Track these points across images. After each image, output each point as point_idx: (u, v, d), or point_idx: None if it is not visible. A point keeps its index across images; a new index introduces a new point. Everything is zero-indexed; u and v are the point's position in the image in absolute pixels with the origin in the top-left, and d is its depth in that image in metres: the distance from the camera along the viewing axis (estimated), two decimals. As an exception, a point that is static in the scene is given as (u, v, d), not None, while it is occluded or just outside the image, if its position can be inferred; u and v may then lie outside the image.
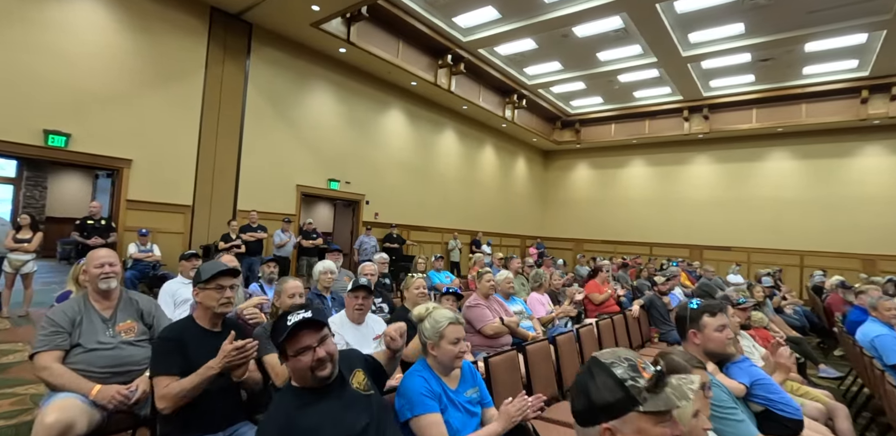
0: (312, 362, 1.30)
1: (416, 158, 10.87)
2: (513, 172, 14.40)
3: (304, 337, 1.32)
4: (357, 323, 2.24)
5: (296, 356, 1.31)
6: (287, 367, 1.36)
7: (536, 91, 12.33)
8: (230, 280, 1.86)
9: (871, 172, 10.85)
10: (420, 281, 2.68)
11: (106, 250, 2.16)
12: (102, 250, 2.15)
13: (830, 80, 10.24)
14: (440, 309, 1.64)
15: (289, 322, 1.32)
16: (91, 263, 2.09)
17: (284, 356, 1.34)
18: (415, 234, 10.65)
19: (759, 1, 7.48)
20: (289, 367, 1.35)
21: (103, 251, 2.14)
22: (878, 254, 10.56)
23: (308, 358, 1.31)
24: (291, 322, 1.31)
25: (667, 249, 13.27)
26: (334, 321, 2.22)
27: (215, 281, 1.81)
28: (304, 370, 1.31)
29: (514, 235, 14.39)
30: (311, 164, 8.54)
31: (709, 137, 12.48)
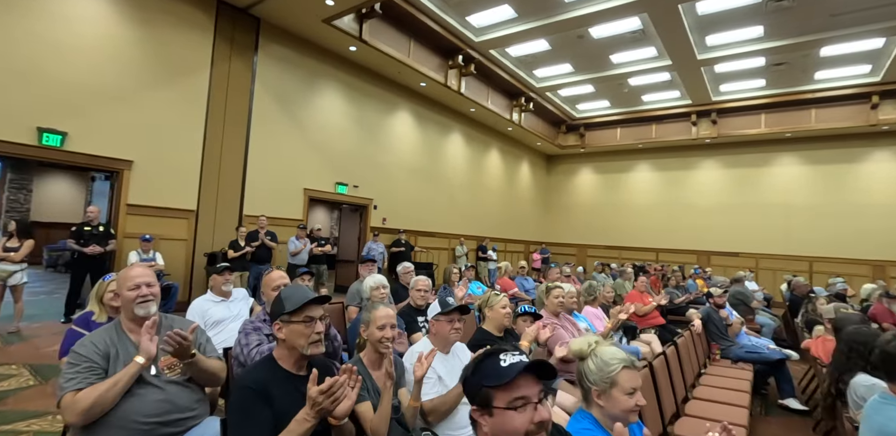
0: (532, 425, 0.94)
1: (423, 162, 10.53)
2: (517, 177, 14.15)
3: (524, 386, 0.97)
4: (445, 352, 1.90)
5: (509, 409, 0.95)
6: (488, 423, 0.98)
7: (544, 94, 12.11)
8: (320, 310, 1.50)
9: (880, 178, 10.84)
10: (506, 299, 2.33)
11: (141, 268, 1.78)
12: (137, 268, 1.77)
13: (841, 86, 10.20)
14: (607, 347, 1.31)
15: (503, 363, 0.98)
16: (124, 284, 1.71)
17: (486, 408, 0.98)
18: (422, 240, 10.29)
19: (784, 3, 7.34)
20: (490, 423, 0.98)
21: (138, 269, 1.76)
22: (889, 260, 10.51)
23: (527, 417, 0.95)
24: (509, 364, 0.98)
25: (673, 255, 13.11)
26: (418, 351, 1.87)
27: (303, 312, 1.45)
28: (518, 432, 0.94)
29: (519, 240, 14.12)
30: (318, 167, 8.14)
31: (716, 141, 12.39)
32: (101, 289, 2.27)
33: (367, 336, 1.70)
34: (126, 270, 1.73)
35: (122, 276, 1.70)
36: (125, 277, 1.69)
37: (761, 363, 3.71)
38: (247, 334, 2.01)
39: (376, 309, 1.75)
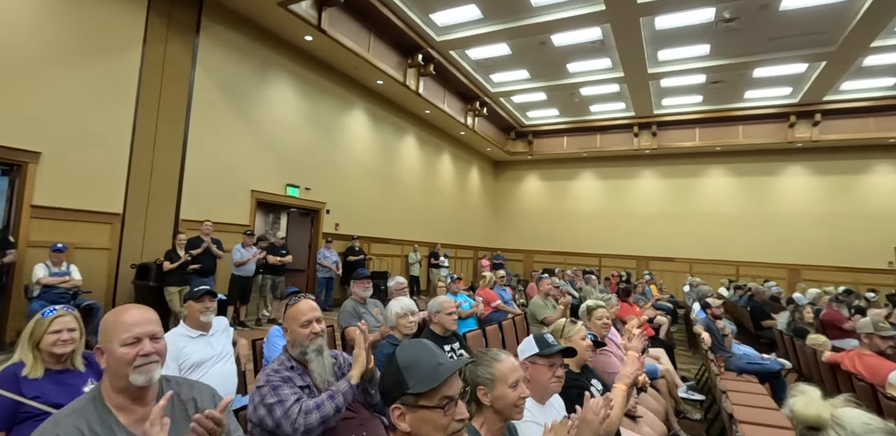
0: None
1: (378, 164, 9.96)
2: (468, 182, 13.98)
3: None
4: (542, 403, 1.49)
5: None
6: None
7: (498, 99, 12.06)
8: (459, 383, 1.03)
9: (795, 190, 12.00)
10: (584, 329, 1.96)
11: (138, 310, 1.17)
12: (133, 311, 1.16)
13: (765, 105, 11.17)
14: (851, 410, 0.99)
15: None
16: (116, 335, 1.09)
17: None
18: (375, 246, 9.70)
19: (732, 24, 7.80)
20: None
21: (135, 314, 1.15)
22: (803, 264, 11.63)
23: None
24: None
25: (614, 260, 13.61)
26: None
27: (439, 392, 0.98)
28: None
29: (468, 246, 13.92)
30: (267, 166, 7.32)
31: (656, 152, 13.07)
32: (37, 330, 1.60)
33: (493, 400, 1.24)
34: (117, 313, 1.13)
35: (113, 322, 1.11)
36: (117, 325, 1.10)
37: (763, 374, 3.70)
38: (274, 387, 1.46)
39: (499, 360, 1.28)
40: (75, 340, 1.64)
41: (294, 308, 1.68)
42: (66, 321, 1.62)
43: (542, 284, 4.52)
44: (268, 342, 2.54)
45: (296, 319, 1.65)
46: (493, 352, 1.29)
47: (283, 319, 1.72)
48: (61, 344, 1.59)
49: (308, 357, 1.60)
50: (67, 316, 1.63)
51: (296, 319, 1.65)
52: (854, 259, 11.14)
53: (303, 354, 1.60)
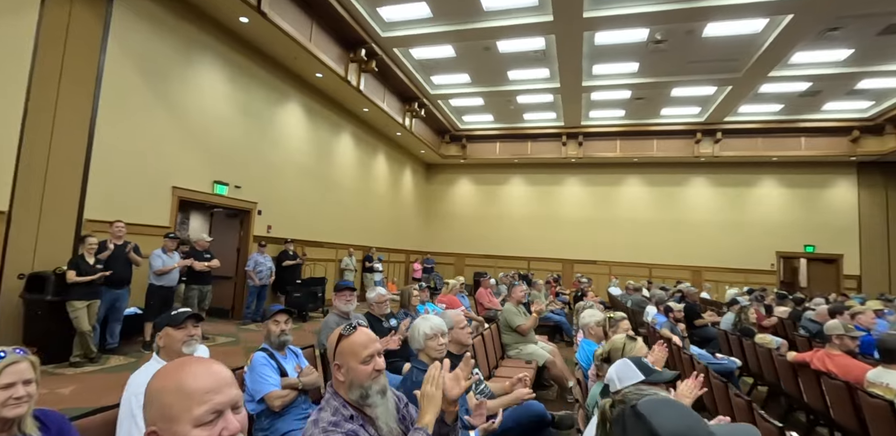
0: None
1: (313, 163, 9.31)
2: (401, 184, 13.67)
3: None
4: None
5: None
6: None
7: (436, 102, 11.96)
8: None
9: (698, 199, 13.37)
10: (645, 347, 1.83)
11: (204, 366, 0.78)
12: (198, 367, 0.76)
13: (677, 122, 12.31)
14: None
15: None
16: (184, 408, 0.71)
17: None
18: (309, 251, 9.04)
19: (661, 45, 8.44)
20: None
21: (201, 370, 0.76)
22: (704, 266, 12.98)
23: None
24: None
25: (543, 263, 14.14)
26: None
27: None
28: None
29: (401, 250, 13.60)
30: (192, 160, 6.46)
31: (581, 161, 13.80)
32: None
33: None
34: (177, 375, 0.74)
35: (175, 390, 0.72)
36: (183, 394, 0.72)
37: (720, 374, 3.93)
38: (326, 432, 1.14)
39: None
40: (31, 396, 1.15)
41: (350, 341, 1.34)
42: (20, 370, 1.13)
43: (514, 291, 4.43)
44: (251, 372, 2.10)
45: (354, 354, 1.31)
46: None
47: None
48: (13, 404, 1.10)
49: (371, 401, 1.27)
50: (22, 362, 1.15)
51: (354, 354, 1.31)
52: (744, 261, 12.66)
53: (364, 397, 1.27)
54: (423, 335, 1.99)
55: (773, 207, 12.73)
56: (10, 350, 1.15)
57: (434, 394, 1.27)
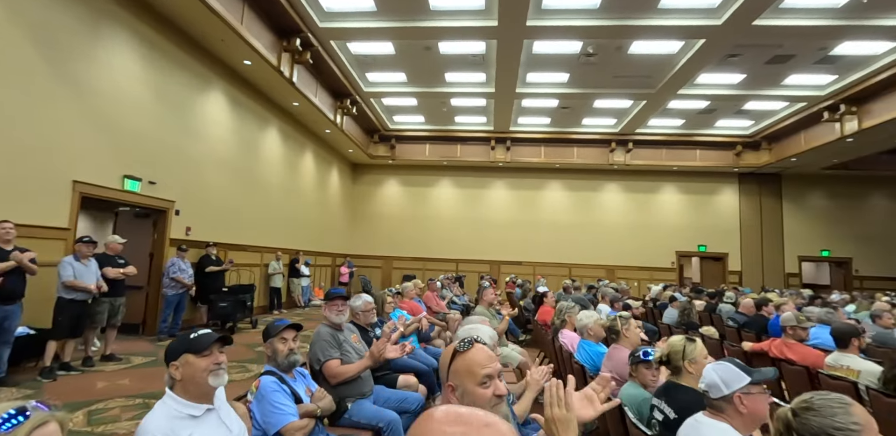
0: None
1: (237, 159, 8.48)
2: (328, 184, 13.02)
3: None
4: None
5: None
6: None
7: (368, 100, 11.59)
8: None
9: (611, 204, 14.48)
10: (704, 347, 1.80)
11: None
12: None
13: (595, 132, 13.23)
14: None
15: None
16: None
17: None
18: (233, 255, 8.20)
19: (591, 59, 8.99)
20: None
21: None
22: (616, 265, 14.08)
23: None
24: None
25: (471, 265, 14.34)
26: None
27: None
28: None
29: (327, 253, 12.93)
30: (99, 151, 5.50)
31: (508, 166, 14.25)
32: None
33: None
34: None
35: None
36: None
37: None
38: None
39: (850, 405, 0.99)
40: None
41: (466, 358, 1.13)
42: (48, 434, 0.77)
43: (485, 293, 4.36)
44: (262, 401, 1.74)
45: (472, 375, 1.11)
46: (836, 398, 1.06)
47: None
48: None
49: None
50: (50, 423, 0.78)
51: (472, 375, 1.11)
52: (650, 260, 13.96)
53: None
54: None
55: (672, 211, 14.21)
56: (32, 405, 0.79)
57: (566, 417, 1.11)
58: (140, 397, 3.82)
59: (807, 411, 0.98)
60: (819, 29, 7.41)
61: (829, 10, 7.06)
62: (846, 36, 7.70)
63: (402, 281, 13.77)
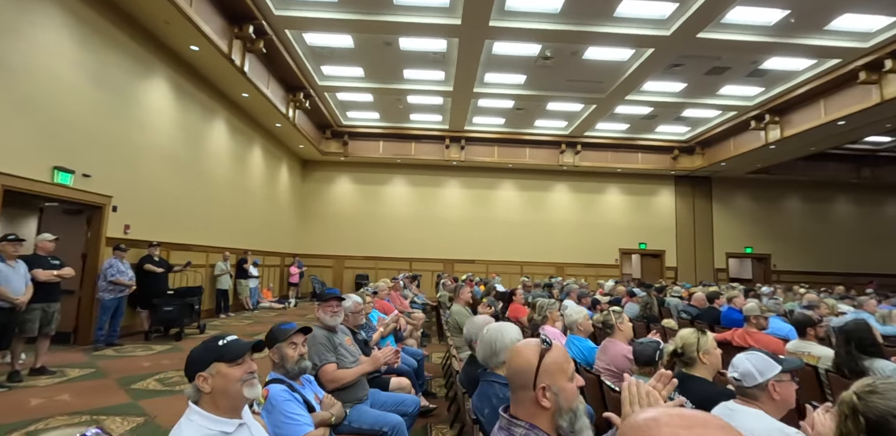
0: None
1: (181, 151, 7.88)
2: (277, 181, 12.43)
3: None
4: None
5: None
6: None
7: (322, 94, 11.20)
8: None
9: (560, 204, 14.98)
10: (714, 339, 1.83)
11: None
12: None
13: (547, 133, 13.62)
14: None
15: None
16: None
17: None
18: (175, 255, 7.62)
19: (547, 62, 9.24)
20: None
21: None
22: (565, 262, 14.60)
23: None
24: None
25: (424, 264, 14.29)
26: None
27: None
28: None
29: (276, 252, 12.36)
30: (23, 139, 4.88)
31: (462, 165, 14.33)
32: None
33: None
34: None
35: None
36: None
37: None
38: None
39: None
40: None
41: (554, 356, 1.10)
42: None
43: (462, 292, 4.33)
44: (273, 412, 1.59)
45: (563, 372, 1.09)
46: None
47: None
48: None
49: (580, 425, 1.06)
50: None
51: (563, 372, 1.09)
52: (596, 257, 14.62)
53: (573, 421, 1.05)
54: (503, 348, 1.77)
55: (616, 211, 14.96)
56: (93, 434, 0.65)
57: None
58: (86, 414, 3.42)
59: (871, 394, 1.05)
60: (753, 44, 8.07)
61: (762, 27, 7.70)
62: (774, 52, 8.44)
63: (355, 281, 13.52)
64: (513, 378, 1.10)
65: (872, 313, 4.43)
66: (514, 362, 1.11)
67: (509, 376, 1.11)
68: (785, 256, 14.88)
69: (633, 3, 7.24)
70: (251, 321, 8.55)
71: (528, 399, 1.07)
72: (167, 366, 4.87)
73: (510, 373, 1.11)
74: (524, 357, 1.10)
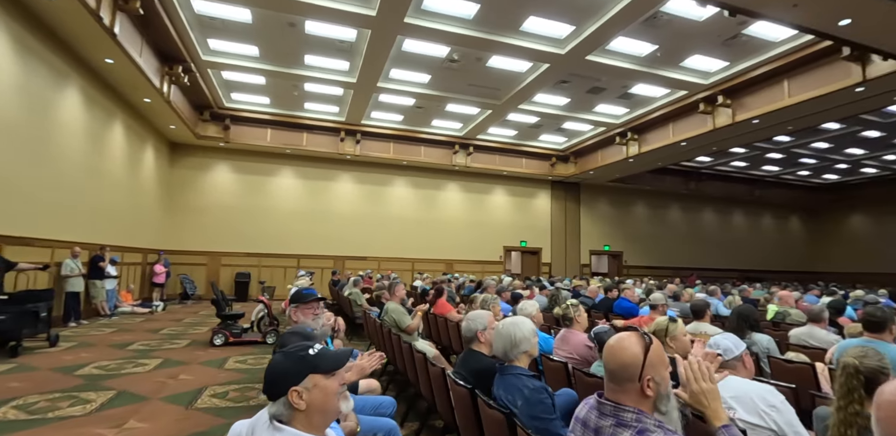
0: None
1: (22, 123, 6.35)
2: (141, 166, 10.71)
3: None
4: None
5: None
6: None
7: (205, 69, 9.98)
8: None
9: (451, 203, 15.52)
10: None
11: None
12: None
13: (443, 133, 14.00)
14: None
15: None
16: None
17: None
18: (10, 251, 6.14)
19: (453, 65, 9.54)
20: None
21: None
22: (454, 259, 15.19)
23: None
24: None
25: (314, 261, 13.64)
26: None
27: None
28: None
29: (137, 248, 10.64)
30: None
31: (357, 159, 13.98)
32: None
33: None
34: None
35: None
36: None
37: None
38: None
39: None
40: None
41: (655, 349, 1.20)
42: None
43: (397, 289, 4.25)
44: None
45: (664, 363, 1.21)
46: (873, 349, 1.43)
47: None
48: None
49: (669, 407, 1.18)
50: None
51: (664, 363, 1.21)
52: (483, 254, 15.50)
53: (665, 404, 1.18)
54: (523, 338, 1.83)
55: (501, 210, 16.04)
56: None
57: (713, 389, 1.29)
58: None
59: (864, 358, 1.42)
60: (627, 71, 9.35)
61: (636, 57, 8.97)
62: (641, 79, 9.89)
63: (235, 280, 12.35)
64: (617, 371, 1.18)
65: (720, 299, 5.56)
66: (620, 356, 1.18)
67: (614, 369, 1.19)
68: (634, 253, 17.54)
69: (538, 20, 7.85)
70: (114, 329, 7.27)
71: (634, 390, 1.16)
72: (22, 390, 3.92)
73: (615, 367, 1.19)
74: (631, 352, 1.18)
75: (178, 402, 3.79)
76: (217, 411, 3.59)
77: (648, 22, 7.63)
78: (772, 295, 6.55)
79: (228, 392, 4.09)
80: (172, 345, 6.22)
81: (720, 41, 8.27)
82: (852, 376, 1.34)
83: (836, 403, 1.34)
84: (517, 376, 1.80)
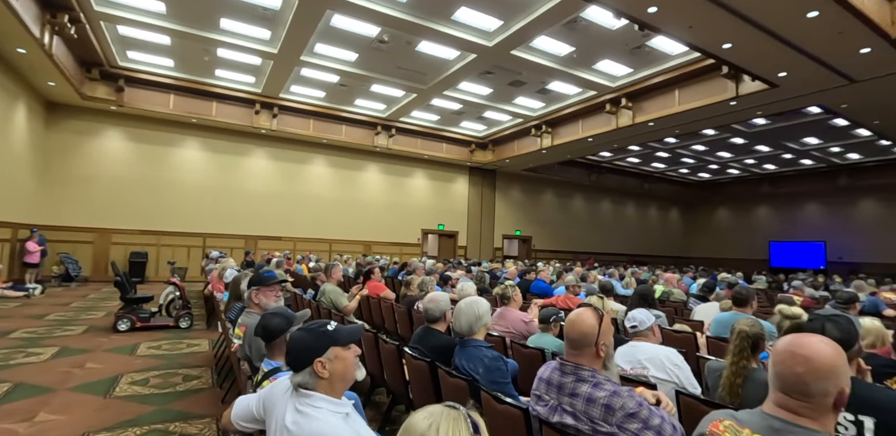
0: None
1: None
2: (10, 126, 9.18)
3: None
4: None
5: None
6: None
7: (97, 21, 8.77)
8: None
9: (371, 184, 15.41)
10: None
11: None
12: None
13: (366, 113, 13.77)
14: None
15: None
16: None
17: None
18: None
19: (382, 46, 9.42)
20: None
21: None
22: (372, 241, 15.22)
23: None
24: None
25: (221, 240, 12.86)
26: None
27: None
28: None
29: (5, 223, 9.21)
30: None
31: (273, 134, 13.27)
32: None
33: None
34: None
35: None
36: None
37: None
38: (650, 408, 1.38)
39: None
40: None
41: (605, 321, 1.59)
42: None
43: (334, 271, 4.29)
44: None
45: (611, 331, 1.64)
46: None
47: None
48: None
49: (611, 365, 1.56)
50: None
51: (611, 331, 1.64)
52: (400, 236, 15.70)
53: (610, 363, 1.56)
54: (484, 312, 2.11)
55: (420, 193, 16.31)
56: None
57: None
58: None
59: (752, 326, 1.85)
60: (546, 68, 9.95)
61: (555, 56, 9.58)
62: (558, 77, 10.60)
63: (129, 259, 11.29)
64: (578, 339, 1.48)
65: (618, 281, 6.42)
66: (580, 327, 1.49)
67: (575, 338, 1.49)
68: (541, 238, 18.92)
69: (469, 11, 8.04)
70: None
71: (590, 353, 1.48)
72: None
73: (577, 336, 1.49)
74: (590, 323, 1.49)
75: (93, 391, 3.57)
76: (141, 399, 3.47)
77: (569, 25, 8.20)
78: (657, 277, 7.69)
79: (149, 379, 3.92)
80: (66, 332, 5.65)
81: (627, 49, 9.15)
82: (744, 339, 1.80)
83: (731, 358, 1.79)
84: (477, 347, 2.09)
